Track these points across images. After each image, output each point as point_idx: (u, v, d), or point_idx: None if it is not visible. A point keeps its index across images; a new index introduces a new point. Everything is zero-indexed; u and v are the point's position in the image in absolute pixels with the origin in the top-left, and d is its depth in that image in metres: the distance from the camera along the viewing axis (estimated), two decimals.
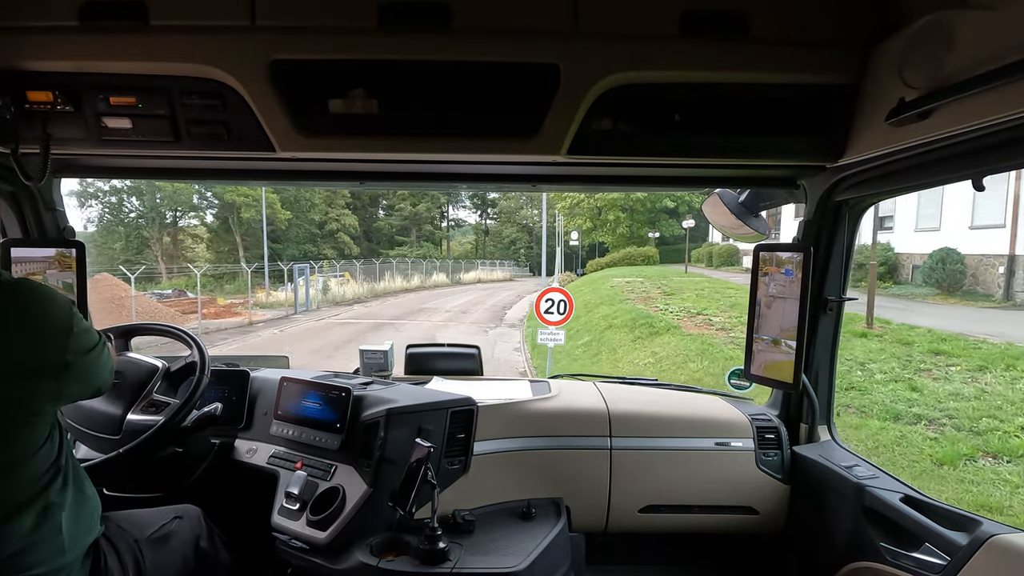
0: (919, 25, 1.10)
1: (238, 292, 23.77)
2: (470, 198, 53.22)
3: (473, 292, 29.74)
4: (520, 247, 52.07)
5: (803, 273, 1.66)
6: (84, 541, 1.17)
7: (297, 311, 20.03)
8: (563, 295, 7.78)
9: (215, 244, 36.28)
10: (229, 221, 35.03)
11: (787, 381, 1.72)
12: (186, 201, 34.76)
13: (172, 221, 36.01)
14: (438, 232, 51.86)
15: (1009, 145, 1.08)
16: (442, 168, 1.67)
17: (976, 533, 1.28)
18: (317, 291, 22.95)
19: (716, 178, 1.79)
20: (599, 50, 1.27)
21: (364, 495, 1.57)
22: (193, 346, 1.75)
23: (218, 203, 35.09)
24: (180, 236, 36.44)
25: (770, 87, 1.33)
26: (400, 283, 30.35)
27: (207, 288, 26.50)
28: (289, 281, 22.13)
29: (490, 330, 16.49)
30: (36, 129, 1.34)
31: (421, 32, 1.27)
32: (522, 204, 52.35)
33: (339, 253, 38.40)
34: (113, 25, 1.26)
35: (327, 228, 40.45)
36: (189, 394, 1.60)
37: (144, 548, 1.36)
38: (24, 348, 1.05)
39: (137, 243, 34.56)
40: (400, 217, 47.70)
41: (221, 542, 1.61)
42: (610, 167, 1.63)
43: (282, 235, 36.65)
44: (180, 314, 18.26)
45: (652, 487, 1.92)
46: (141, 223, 34.84)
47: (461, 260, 43.21)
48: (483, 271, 41.02)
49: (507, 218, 53.88)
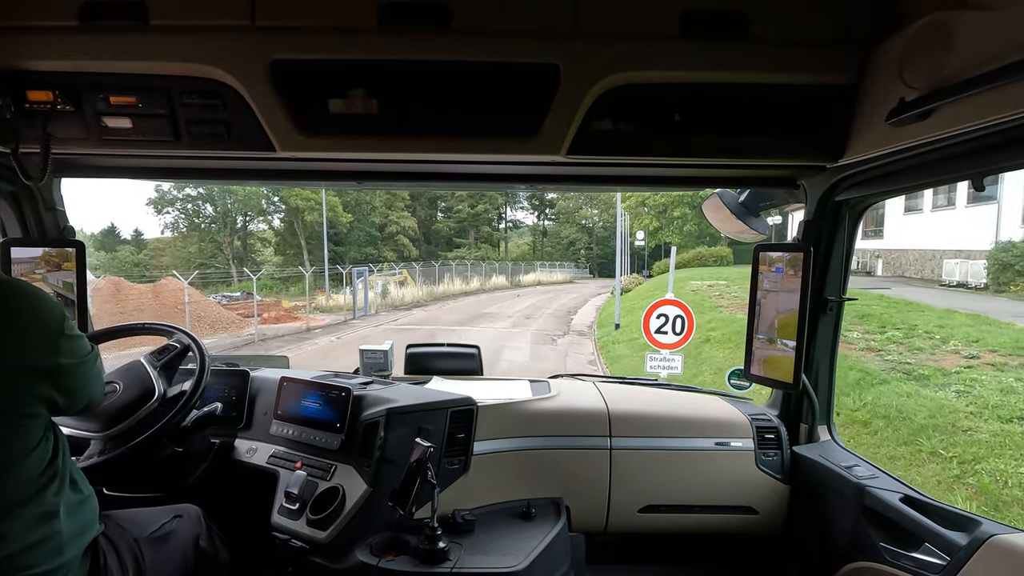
0: (919, 25, 1.10)
1: (303, 294, 23.89)
2: (527, 199, 50.98)
3: (534, 295, 28.36)
4: (580, 248, 50.56)
5: (803, 273, 1.66)
6: (82, 541, 1.17)
7: (355, 316, 19.44)
8: (680, 309, 6.04)
9: (282, 247, 37.12)
10: (294, 225, 35.56)
11: (787, 381, 1.72)
12: (255, 206, 35.71)
13: (242, 225, 37.04)
14: (496, 233, 51.14)
15: (1009, 145, 1.08)
16: (442, 168, 1.67)
17: (976, 533, 1.28)
18: (376, 294, 22.43)
19: (716, 178, 1.79)
20: (599, 50, 1.27)
21: (364, 495, 1.57)
22: (193, 346, 1.75)
23: (284, 207, 35.76)
24: (250, 240, 37.45)
25: (770, 87, 1.33)
26: (459, 286, 29.47)
27: (274, 290, 26.65)
28: (348, 285, 21.72)
29: (558, 339, 14.86)
30: (36, 129, 1.34)
31: (421, 32, 1.27)
32: (581, 204, 50.78)
33: (399, 255, 38.59)
34: (113, 25, 1.26)
35: (387, 231, 40.65)
36: (189, 394, 1.60)
37: (144, 547, 1.36)
38: (15, 348, 1.04)
39: (211, 247, 35.60)
40: (458, 219, 47.30)
41: (221, 541, 1.61)
42: (610, 167, 1.63)
43: (344, 238, 37.10)
44: (240, 318, 18.05)
45: (652, 487, 1.92)
46: (214, 228, 36.00)
47: (520, 262, 42.59)
48: (542, 273, 39.97)
49: (566, 218, 52.31)
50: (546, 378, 2.29)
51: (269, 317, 18.44)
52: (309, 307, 19.48)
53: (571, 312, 20.93)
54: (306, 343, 14.58)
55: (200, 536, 1.53)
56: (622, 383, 2.32)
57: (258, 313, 17.57)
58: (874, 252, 20.44)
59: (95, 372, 1.21)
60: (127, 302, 16.45)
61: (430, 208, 46.92)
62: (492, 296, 28.14)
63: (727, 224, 1.99)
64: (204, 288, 17.62)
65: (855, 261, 19.25)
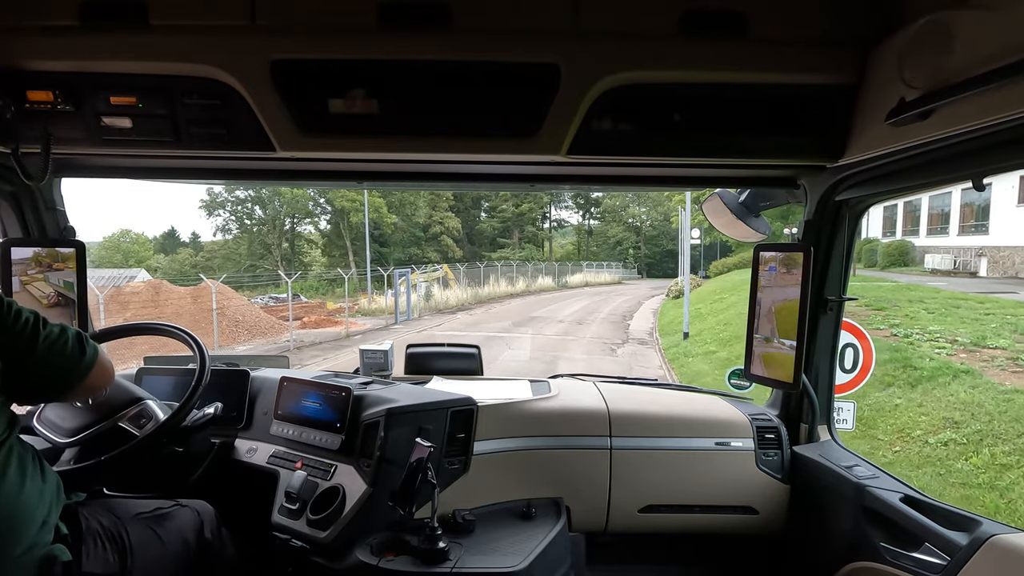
0: (919, 25, 1.10)
1: (348, 296, 23.72)
2: (572, 198, 49.65)
3: (583, 297, 26.89)
4: (627, 247, 49.23)
5: (803, 273, 1.66)
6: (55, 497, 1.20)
7: (397, 320, 18.76)
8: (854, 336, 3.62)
9: (329, 248, 37.34)
10: (340, 226, 35.59)
11: (787, 381, 1.72)
12: (303, 208, 35.92)
13: (290, 227, 37.36)
14: (540, 233, 49.99)
15: (1009, 145, 1.08)
16: (442, 168, 1.67)
17: (976, 533, 1.28)
18: (419, 297, 21.57)
19: (716, 178, 1.80)
20: (599, 50, 1.28)
21: (364, 495, 1.57)
22: (193, 346, 1.75)
23: (331, 208, 35.86)
24: (297, 242, 37.75)
25: (770, 87, 1.33)
26: (505, 287, 28.37)
27: (319, 292, 26.34)
28: (389, 287, 21.07)
29: (617, 348, 13.07)
30: (37, 129, 1.34)
31: (421, 32, 1.27)
32: (628, 202, 49.32)
33: (442, 256, 38.24)
34: (113, 25, 1.26)
35: (431, 231, 40.34)
36: (188, 394, 1.60)
37: (129, 525, 1.36)
38: None
39: (260, 249, 36.06)
40: (501, 219, 46.43)
41: (229, 538, 1.62)
42: (610, 167, 1.63)
43: (388, 238, 37.14)
44: (281, 321, 17.37)
45: (652, 487, 1.92)
46: (263, 230, 36.44)
47: (568, 263, 41.67)
48: (589, 273, 38.60)
49: (612, 217, 50.95)
50: (546, 378, 2.29)
51: (309, 321, 17.87)
52: (348, 311, 18.92)
53: (626, 317, 19.62)
54: (343, 351, 13.63)
55: (206, 527, 1.53)
56: (622, 383, 2.32)
57: (296, 317, 16.91)
58: (977, 249, 17.79)
59: (51, 356, 1.19)
60: (166, 306, 16.31)
61: (474, 208, 46.19)
62: (539, 298, 26.88)
63: (727, 225, 1.99)
64: (253, 290, 17.14)
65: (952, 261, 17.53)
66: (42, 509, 1.16)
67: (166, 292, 17.05)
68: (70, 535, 1.22)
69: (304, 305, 19.95)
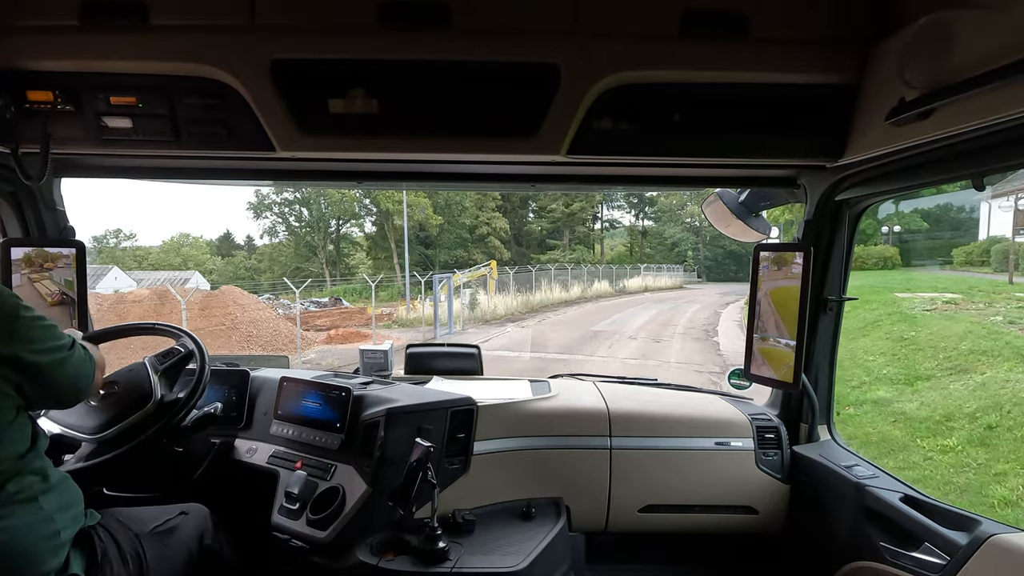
0: (919, 25, 1.10)
1: (392, 299, 22.06)
2: (624, 197, 45.25)
3: (647, 305, 22.77)
4: (685, 249, 45.04)
5: (803, 273, 1.66)
6: (72, 515, 1.20)
7: (437, 334, 16.00)
8: None
9: (373, 251, 36.99)
10: (384, 228, 35.05)
11: (787, 381, 1.72)
12: (348, 210, 35.50)
13: (336, 229, 37.00)
14: (592, 234, 46.07)
15: (1009, 145, 1.08)
16: (442, 168, 1.67)
17: (976, 533, 1.28)
18: (463, 305, 18.65)
19: (716, 178, 1.79)
20: (599, 50, 1.27)
21: (364, 495, 1.57)
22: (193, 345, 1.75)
23: (375, 210, 35.20)
24: (342, 244, 37.47)
25: (770, 87, 1.33)
26: (558, 294, 25.03)
27: (363, 296, 25.09)
28: (428, 295, 18.31)
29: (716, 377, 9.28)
30: (36, 129, 1.34)
31: (421, 32, 1.27)
32: (687, 200, 43.94)
33: (489, 258, 36.21)
34: (113, 25, 1.26)
35: (477, 232, 38.09)
36: (188, 393, 1.60)
37: (145, 542, 1.36)
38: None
39: (306, 251, 35.91)
40: (551, 219, 43.08)
41: (226, 540, 1.62)
42: (610, 167, 1.63)
43: (434, 240, 36.20)
44: (305, 332, 15.13)
45: (652, 487, 1.92)
46: (309, 232, 36.17)
47: (626, 266, 38.19)
48: (648, 277, 35.09)
49: (669, 217, 46.38)
50: (546, 378, 2.29)
51: (336, 335, 15.37)
52: (386, 320, 16.93)
53: (709, 331, 15.49)
54: None
55: (205, 534, 1.53)
56: (622, 383, 2.32)
57: (331, 326, 15.31)
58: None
59: (72, 364, 1.20)
60: (170, 316, 14.80)
61: (521, 208, 43.71)
62: (598, 305, 23.13)
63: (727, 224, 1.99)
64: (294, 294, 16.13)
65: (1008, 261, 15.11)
66: (52, 542, 1.14)
67: (171, 303, 15.54)
68: (86, 562, 1.21)
69: (344, 311, 17.79)
